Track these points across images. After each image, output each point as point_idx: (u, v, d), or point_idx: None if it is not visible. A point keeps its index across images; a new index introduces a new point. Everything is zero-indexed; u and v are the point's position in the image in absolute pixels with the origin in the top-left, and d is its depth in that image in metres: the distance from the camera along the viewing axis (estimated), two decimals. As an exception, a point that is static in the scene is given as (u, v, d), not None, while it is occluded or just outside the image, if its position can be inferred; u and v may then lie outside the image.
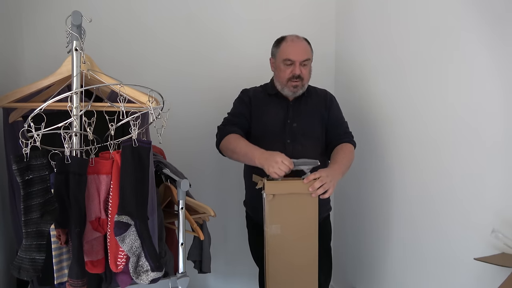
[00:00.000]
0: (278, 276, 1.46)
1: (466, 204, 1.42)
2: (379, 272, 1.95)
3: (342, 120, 1.73)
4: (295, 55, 1.58)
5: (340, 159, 1.55)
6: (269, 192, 1.42)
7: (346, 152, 1.60)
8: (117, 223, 1.03)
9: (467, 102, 1.40)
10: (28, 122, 0.98)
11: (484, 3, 1.32)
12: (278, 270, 1.46)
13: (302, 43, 1.62)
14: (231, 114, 1.69)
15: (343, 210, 2.26)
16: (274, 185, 1.42)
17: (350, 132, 1.72)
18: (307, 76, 1.63)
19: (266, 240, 1.45)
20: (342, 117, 1.74)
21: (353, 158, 1.63)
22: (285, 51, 1.60)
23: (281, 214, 1.44)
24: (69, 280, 1.02)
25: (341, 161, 1.54)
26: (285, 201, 1.43)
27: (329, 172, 1.45)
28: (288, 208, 1.44)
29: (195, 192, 1.52)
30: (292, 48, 1.60)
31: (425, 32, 1.60)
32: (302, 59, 1.58)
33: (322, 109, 1.68)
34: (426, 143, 1.61)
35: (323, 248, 1.69)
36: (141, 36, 1.95)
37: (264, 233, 1.46)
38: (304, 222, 1.45)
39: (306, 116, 1.66)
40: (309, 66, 1.64)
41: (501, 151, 1.28)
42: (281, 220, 1.44)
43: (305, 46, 1.62)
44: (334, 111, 1.71)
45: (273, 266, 1.46)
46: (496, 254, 1.26)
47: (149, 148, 1.11)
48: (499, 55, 1.27)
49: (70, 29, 1.05)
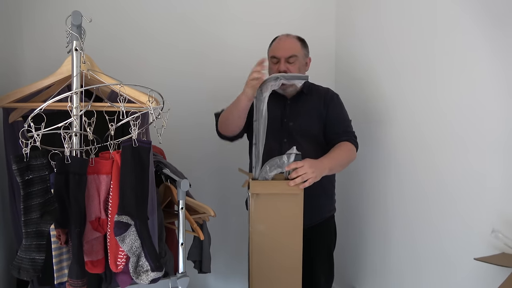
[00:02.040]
0: (262, 275, 1.47)
1: (466, 204, 1.42)
2: (379, 272, 1.95)
3: (343, 119, 1.67)
4: (279, 52, 1.60)
5: (333, 155, 1.51)
6: (253, 191, 1.41)
7: (343, 150, 1.55)
8: (117, 223, 1.03)
9: (468, 101, 1.40)
10: (28, 122, 0.98)
11: (485, 3, 1.32)
12: (262, 270, 1.46)
13: (289, 40, 1.63)
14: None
15: (343, 210, 2.26)
16: (259, 184, 1.42)
17: (351, 132, 1.65)
18: (296, 72, 1.60)
19: (250, 239, 1.45)
20: (344, 115, 1.68)
21: (351, 157, 1.58)
22: (272, 49, 1.65)
23: (265, 213, 1.44)
24: (69, 280, 1.02)
25: (333, 156, 1.51)
26: (269, 201, 1.43)
27: (313, 163, 1.40)
28: (273, 208, 1.43)
29: (195, 192, 1.52)
30: (277, 45, 1.63)
31: (425, 32, 1.60)
32: (286, 55, 1.59)
33: (320, 108, 1.64)
34: (426, 143, 1.60)
35: (324, 249, 1.69)
36: (138, 36, 1.95)
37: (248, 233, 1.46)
38: (289, 223, 1.44)
39: (303, 115, 1.64)
40: (298, 63, 1.61)
41: (502, 151, 1.28)
42: (265, 219, 1.44)
43: (292, 43, 1.62)
44: (334, 109, 1.65)
45: (257, 265, 1.46)
46: (496, 254, 1.26)
47: (149, 148, 1.11)
48: (499, 55, 1.27)
49: (70, 29, 1.05)
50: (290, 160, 1.39)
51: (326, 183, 1.64)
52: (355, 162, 1.67)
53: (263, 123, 1.42)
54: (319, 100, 1.66)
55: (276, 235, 1.45)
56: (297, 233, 1.45)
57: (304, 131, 1.63)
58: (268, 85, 1.42)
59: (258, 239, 1.45)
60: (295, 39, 1.64)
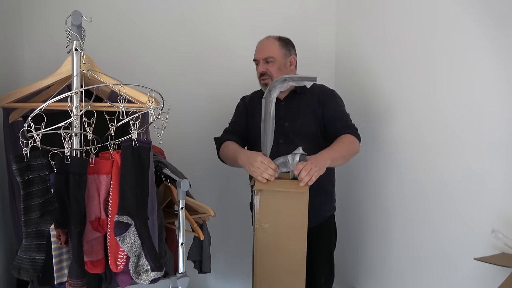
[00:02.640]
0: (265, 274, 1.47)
1: (466, 204, 1.42)
2: (379, 272, 1.95)
3: (342, 114, 1.64)
4: (257, 54, 1.66)
5: (333, 147, 1.49)
6: (257, 188, 1.42)
7: (344, 142, 1.53)
8: (117, 223, 1.03)
9: (468, 101, 1.40)
10: (28, 122, 0.98)
11: (486, 3, 1.32)
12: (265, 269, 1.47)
13: (267, 41, 1.65)
14: (229, 124, 1.76)
15: (343, 210, 2.26)
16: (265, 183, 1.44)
17: (352, 125, 1.62)
18: (276, 73, 1.60)
19: (255, 237, 1.45)
20: (341, 110, 1.66)
21: (353, 148, 1.54)
22: (255, 52, 1.68)
23: (270, 212, 1.44)
24: (69, 280, 1.02)
25: (333, 148, 1.49)
26: (274, 199, 1.43)
27: (314, 159, 1.40)
28: (278, 207, 1.44)
29: (195, 192, 1.52)
30: (257, 47, 1.68)
31: (425, 31, 1.60)
32: (262, 56, 1.62)
33: (315, 106, 1.63)
34: (427, 142, 1.61)
35: (324, 249, 1.69)
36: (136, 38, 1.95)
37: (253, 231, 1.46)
38: (294, 222, 1.44)
39: (298, 115, 1.63)
40: (276, 63, 1.62)
41: (502, 151, 1.28)
42: (270, 218, 1.44)
43: (268, 44, 1.64)
44: (330, 106, 1.64)
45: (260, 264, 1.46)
46: (496, 254, 1.26)
47: (149, 148, 1.11)
48: (500, 55, 1.27)
49: (70, 29, 1.05)
50: (295, 160, 1.39)
51: (326, 183, 1.64)
52: (356, 162, 1.66)
53: (271, 124, 1.44)
54: (313, 98, 1.65)
55: (280, 234, 1.44)
56: (302, 232, 1.44)
57: (300, 131, 1.63)
58: (276, 86, 1.43)
59: (262, 237, 1.45)
60: (274, 39, 1.66)
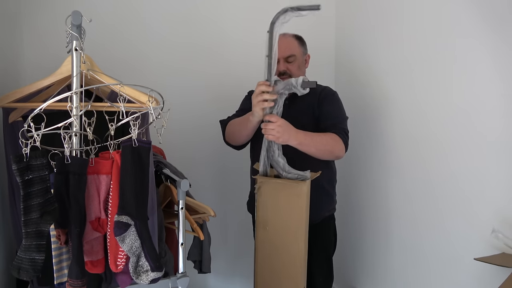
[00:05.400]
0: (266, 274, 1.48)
1: (466, 204, 1.42)
2: (380, 272, 1.95)
3: (336, 114, 1.60)
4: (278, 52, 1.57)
5: (311, 134, 1.46)
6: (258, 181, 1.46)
7: (324, 136, 1.48)
8: (117, 223, 1.03)
9: (468, 101, 1.40)
10: (28, 122, 0.98)
11: (486, 3, 1.32)
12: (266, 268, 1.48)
13: (286, 39, 1.61)
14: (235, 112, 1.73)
15: (343, 210, 2.26)
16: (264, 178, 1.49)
17: (343, 128, 1.55)
18: (296, 72, 1.59)
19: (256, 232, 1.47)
20: (338, 111, 1.62)
21: (332, 146, 1.48)
22: None
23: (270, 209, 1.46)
24: (69, 280, 1.02)
25: (310, 134, 1.45)
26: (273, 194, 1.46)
27: (286, 127, 1.38)
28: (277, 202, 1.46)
29: (195, 192, 1.52)
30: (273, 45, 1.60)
31: (426, 30, 1.60)
32: (284, 55, 1.58)
33: (314, 105, 1.62)
34: (427, 141, 1.60)
35: (322, 252, 1.68)
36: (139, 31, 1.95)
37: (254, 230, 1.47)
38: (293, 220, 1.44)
39: (299, 114, 1.61)
40: (297, 62, 1.61)
41: (502, 151, 1.28)
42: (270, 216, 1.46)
43: (289, 42, 1.61)
44: (326, 105, 1.60)
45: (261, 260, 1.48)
46: (496, 254, 1.26)
47: (149, 148, 1.11)
48: (500, 54, 1.27)
49: (70, 29, 1.05)
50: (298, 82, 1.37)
51: (326, 182, 1.63)
52: (356, 161, 1.66)
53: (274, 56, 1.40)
54: (314, 97, 1.63)
55: (280, 232, 1.45)
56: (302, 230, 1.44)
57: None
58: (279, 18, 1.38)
59: (262, 235, 1.46)
60: (292, 37, 1.64)
